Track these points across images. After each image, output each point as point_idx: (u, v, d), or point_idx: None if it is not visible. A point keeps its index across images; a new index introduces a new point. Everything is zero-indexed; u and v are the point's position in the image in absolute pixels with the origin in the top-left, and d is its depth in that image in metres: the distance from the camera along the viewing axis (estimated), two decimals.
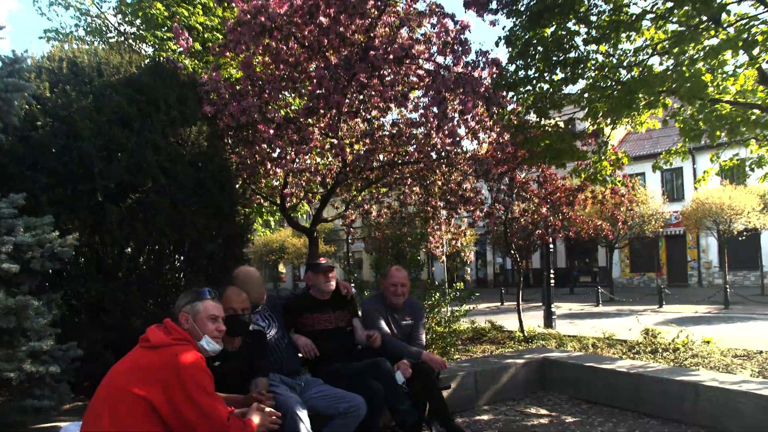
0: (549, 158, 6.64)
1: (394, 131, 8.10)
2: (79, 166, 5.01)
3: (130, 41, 10.95)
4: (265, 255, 38.37)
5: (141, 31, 10.67)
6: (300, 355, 4.15)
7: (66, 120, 5.11)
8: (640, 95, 5.21)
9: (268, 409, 2.90)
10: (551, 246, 12.99)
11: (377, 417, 3.91)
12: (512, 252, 10.25)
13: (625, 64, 6.05)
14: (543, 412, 5.42)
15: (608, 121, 6.24)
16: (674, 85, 4.96)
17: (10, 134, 4.87)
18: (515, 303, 10.40)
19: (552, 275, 12.82)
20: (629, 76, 5.92)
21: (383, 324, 4.48)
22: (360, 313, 4.63)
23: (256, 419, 2.75)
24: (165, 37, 10.08)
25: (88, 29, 11.78)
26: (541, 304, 21.77)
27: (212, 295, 2.88)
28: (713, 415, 4.61)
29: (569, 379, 5.89)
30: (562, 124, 6.80)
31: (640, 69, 5.75)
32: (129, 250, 5.21)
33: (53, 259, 4.05)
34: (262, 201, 9.27)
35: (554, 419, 5.17)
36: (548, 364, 6.16)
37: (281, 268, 46.42)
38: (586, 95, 5.94)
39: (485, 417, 5.26)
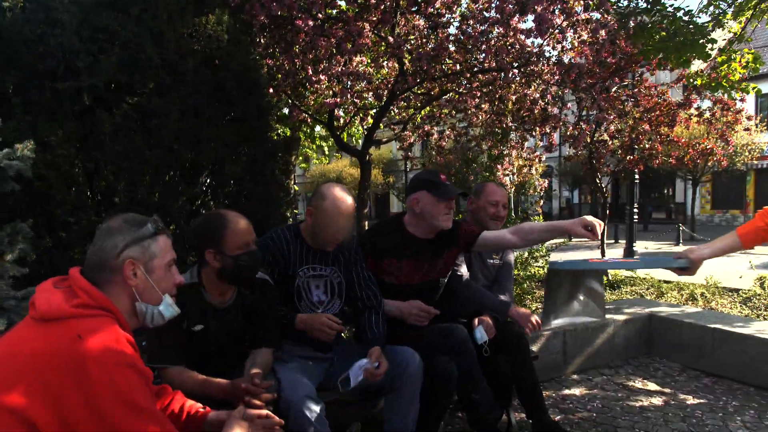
0: (671, 51, 5.06)
1: (461, 34, 6.63)
2: (59, 60, 3.91)
3: None
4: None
5: None
6: None
7: (42, 2, 3.99)
8: None
9: (261, 414, 1.76)
10: (636, 176, 11.38)
11: (444, 405, 2.77)
12: (597, 181, 8.73)
13: None
14: (652, 386, 4.18)
15: None
16: None
17: None
18: (585, 240, 8.96)
19: (636, 210, 11.25)
20: None
21: (463, 266, 3.31)
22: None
23: None
24: None
25: None
26: (614, 241, 20.17)
27: (163, 228, 1.72)
28: None
29: (685, 344, 4.59)
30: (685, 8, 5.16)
31: None
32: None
33: (4, 178, 2.99)
34: (308, 119, 8.05)
35: (669, 398, 3.93)
36: (657, 322, 4.86)
37: None
38: None
39: (576, 391, 4.07)
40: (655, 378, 4.32)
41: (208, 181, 4.66)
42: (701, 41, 4.92)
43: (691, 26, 4.95)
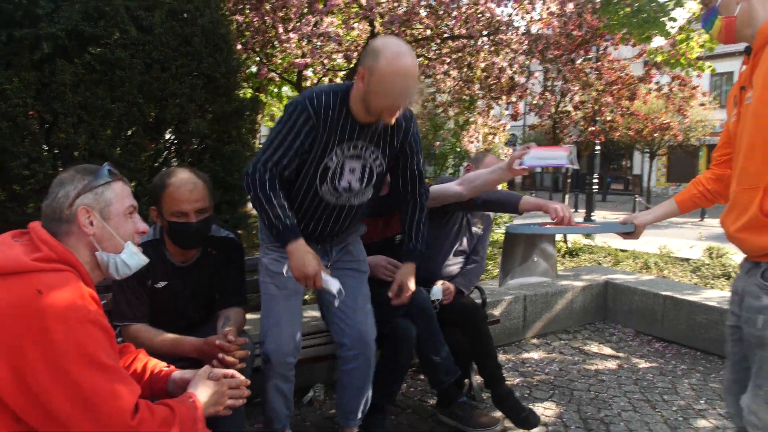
0: (634, 26, 5.15)
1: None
2: (17, 6, 3.76)
3: None
4: None
5: None
6: None
7: None
8: None
9: (228, 373, 1.72)
10: (597, 148, 11.61)
11: (403, 366, 2.84)
12: None
13: None
14: (607, 351, 4.37)
15: None
16: None
17: None
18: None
19: (596, 181, 11.52)
20: None
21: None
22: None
23: (203, 395, 1.59)
24: None
25: None
26: (574, 209, 20.67)
27: (117, 175, 1.63)
28: None
29: (639, 310, 4.79)
30: None
31: None
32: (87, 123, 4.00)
33: None
34: (276, 78, 7.93)
35: (623, 362, 4.12)
36: (612, 289, 5.05)
37: None
38: None
39: (535, 355, 4.23)
40: (610, 343, 4.52)
41: (172, 137, 4.58)
42: (662, 19, 5.03)
43: (653, 4, 5.04)
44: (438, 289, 3.01)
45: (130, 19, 4.04)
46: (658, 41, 6.11)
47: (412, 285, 2.54)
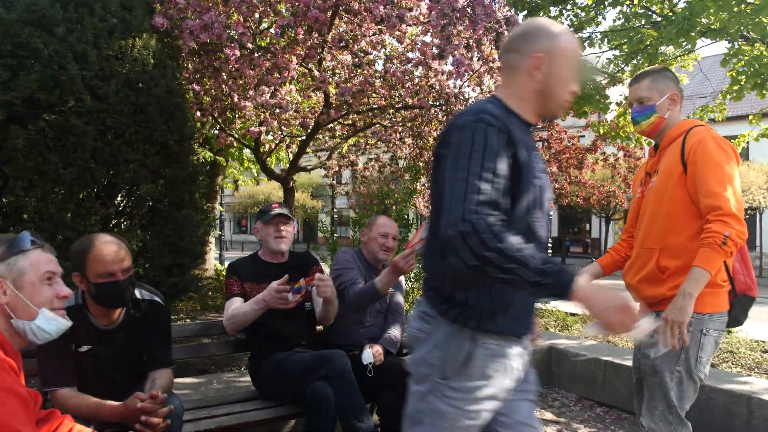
0: (572, 103, 5.54)
1: (386, 71, 6.92)
2: None
3: None
4: (250, 207, 37.20)
5: None
6: None
7: None
8: (704, 19, 4.11)
9: None
10: (551, 213, 12.03)
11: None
12: None
13: None
14: (548, 416, 4.47)
15: (661, 49, 5.10)
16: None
17: None
18: None
19: (549, 244, 11.85)
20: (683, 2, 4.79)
21: (359, 280, 3.33)
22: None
23: None
24: None
25: None
26: None
27: (39, 243, 1.70)
28: None
29: (581, 376, 4.91)
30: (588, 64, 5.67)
31: None
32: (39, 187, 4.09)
33: None
34: (234, 143, 8.12)
35: (563, 427, 4.22)
36: (556, 354, 5.18)
37: None
38: (626, 23, 4.80)
39: None
40: (552, 408, 4.61)
41: (124, 202, 4.67)
42: (597, 97, 5.43)
43: (590, 83, 5.44)
44: (368, 353, 3.04)
45: (86, 88, 4.20)
46: (608, 115, 6.53)
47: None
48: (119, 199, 4.69)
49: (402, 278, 3.70)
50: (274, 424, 3.39)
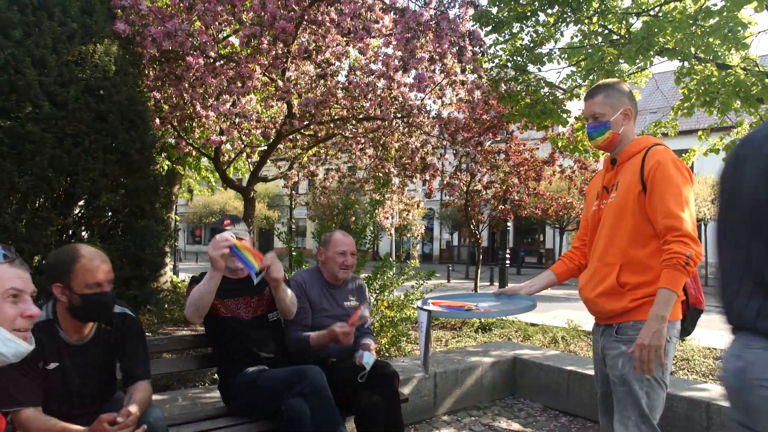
0: (533, 117, 5.67)
1: (349, 82, 6.94)
2: None
3: None
4: (205, 216, 36.60)
5: None
6: None
7: None
8: (661, 39, 4.27)
9: None
10: (508, 224, 12.22)
11: None
12: (471, 227, 9.33)
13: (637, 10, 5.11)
14: (515, 426, 4.51)
15: (619, 67, 5.26)
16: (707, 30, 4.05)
17: None
18: (463, 281, 9.50)
19: (508, 255, 12.06)
20: (640, 22, 4.98)
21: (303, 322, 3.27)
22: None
23: None
24: None
25: None
26: (489, 283, 21.27)
27: (10, 257, 1.61)
28: None
29: (545, 385, 4.97)
30: (547, 79, 5.83)
31: (656, 15, 4.82)
32: None
33: None
34: (194, 152, 7.98)
35: None
36: (520, 364, 5.23)
37: None
38: (583, 41, 4.95)
39: None
40: (519, 418, 4.65)
41: (82, 212, 4.53)
42: (557, 110, 5.58)
43: (550, 97, 5.58)
44: (368, 354, 3.05)
45: (44, 94, 4.08)
46: (562, 127, 6.68)
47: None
48: (77, 209, 4.54)
49: (366, 289, 3.70)
50: None
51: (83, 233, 4.58)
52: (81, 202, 4.50)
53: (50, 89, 4.13)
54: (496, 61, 6.10)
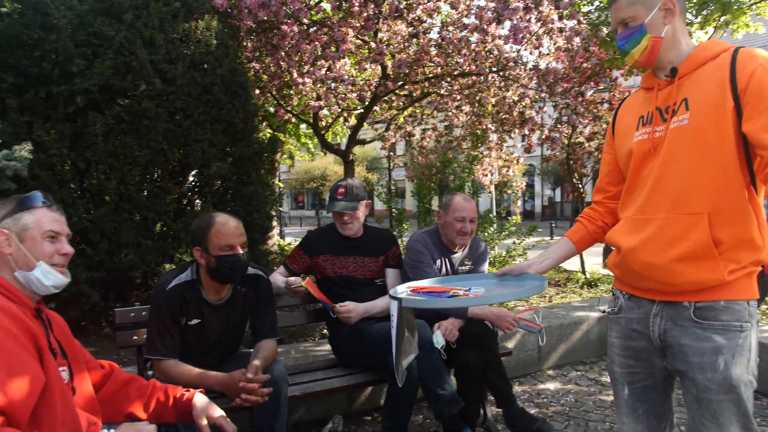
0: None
1: (442, 39, 6.84)
2: (54, 64, 4.08)
3: None
4: (306, 182, 37.72)
5: None
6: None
7: (39, 8, 4.16)
8: None
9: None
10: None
11: (408, 400, 2.93)
12: (575, 181, 9.03)
13: None
14: None
15: None
16: None
17: None
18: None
19: None
20: None
21: (431, 273, 3.22)
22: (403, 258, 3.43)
23: None
24: None
25: None
26: None
27: (48, 202, 1.79)
28: None
29: None
30: None
31: None
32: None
33: (1, 178, 3.16)
34: (293, 119, 8.23)
35: None
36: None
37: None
38: None
39: (551, 386, 4.29)
40: None
41: (195, 180, 4.84)
42: None
43: None
44: (437, 335, 3.05)
45: (155, 72, 4.35)
46: None
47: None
48: (191, 178, 4.85)
49: (487, 255, 3.67)
50: (355, 390, 3.51)
51: (197, 201, 4.89)
52: (194, 172, 4.78)
53: (160, 67, 4.39)
54: (596, 3, 5.77)
